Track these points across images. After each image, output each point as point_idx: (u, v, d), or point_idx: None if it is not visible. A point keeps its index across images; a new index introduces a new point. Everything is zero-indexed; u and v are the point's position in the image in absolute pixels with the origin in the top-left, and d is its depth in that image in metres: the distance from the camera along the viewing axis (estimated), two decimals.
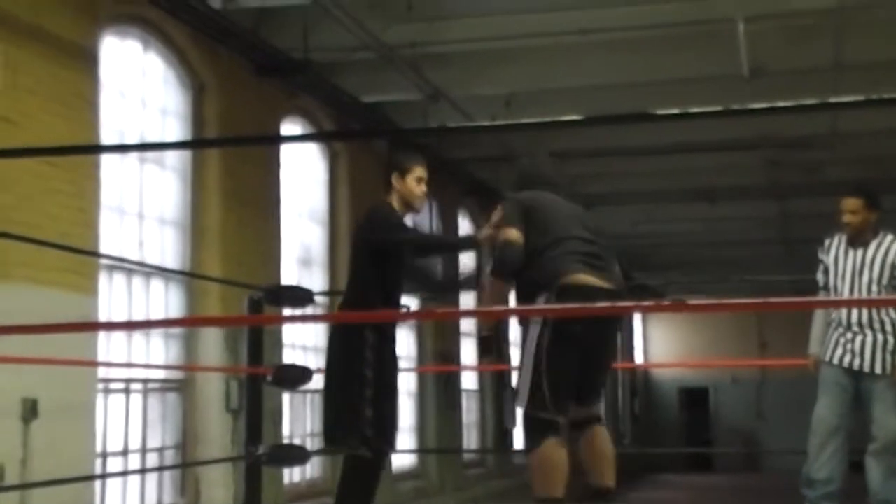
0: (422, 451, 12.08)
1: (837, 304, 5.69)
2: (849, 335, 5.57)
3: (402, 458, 11.58)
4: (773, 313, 22.15)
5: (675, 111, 2.73)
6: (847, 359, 5.57)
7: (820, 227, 5.98)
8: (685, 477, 23.62)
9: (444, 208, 12.87)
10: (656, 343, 27.61)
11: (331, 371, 4.79)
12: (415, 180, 5.02)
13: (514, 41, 8.79)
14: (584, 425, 4.60)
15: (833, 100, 3.93)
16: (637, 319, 27.17)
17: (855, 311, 5.55)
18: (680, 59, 8.93)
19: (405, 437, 11.80)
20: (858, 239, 5.65)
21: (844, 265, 5.63)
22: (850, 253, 5.66)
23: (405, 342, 11.72)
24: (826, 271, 5.74)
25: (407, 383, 12.01)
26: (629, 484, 22.17)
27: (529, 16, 8.40)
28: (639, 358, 26.85)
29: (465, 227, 14.25)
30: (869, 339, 5.53)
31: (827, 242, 5.81)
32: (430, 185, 5.27)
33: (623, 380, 25.03)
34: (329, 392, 4.79)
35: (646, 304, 4.83)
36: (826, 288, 5.74)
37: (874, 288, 5.53)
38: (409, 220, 5.11)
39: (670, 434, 26.05)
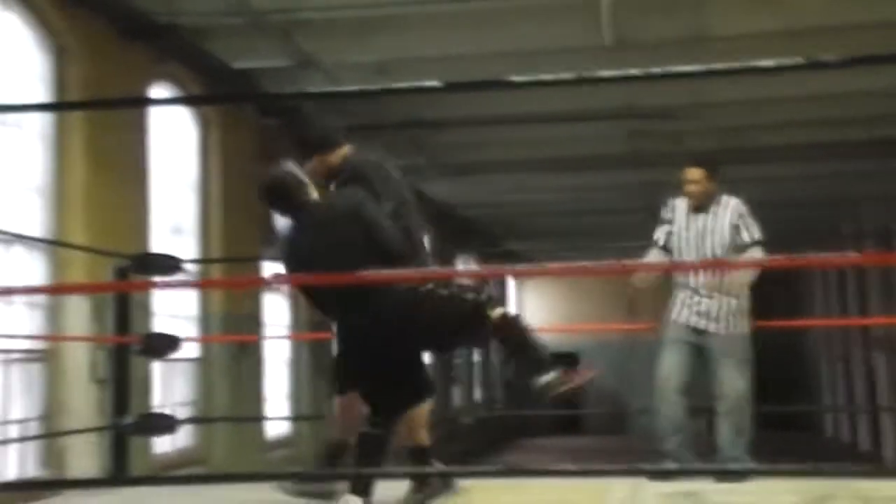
0: (295, 418, 12.10)
1: (687, 268, 5.91)
2: (696, 298, 5.82)
3: (276, 427, 11.58)
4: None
5: (532, 79, 2.82)
6: (693, 320, 5.82)
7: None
8: (554, 440, 24.20)
9: None
10: (528, 309, 28.12)
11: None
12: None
13: (385, 9, 8.79)
14: None
15: (686, 69, 4.07)
16: (511, 285, 27.65)
17: (701, 275, 5.80)
18: (546, 29, 9.07)
19: (280, 405, 11.80)
20: (701, 207, 5.92)
21: (688, 232, 5.88)
22: (693, 220, 5.92)
23: (279, 309, 11.69)
24: (670, 233, 5.97)
25: (281, 351, 11.98)
26: (500, 448, 22.65)
27: None
28: None
29: None
30: (714, 302, 5.79)
31: (671, 203, 6.04)
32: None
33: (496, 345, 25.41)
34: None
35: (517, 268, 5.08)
36: (666, 248, 5.96)
37: (718, 252, 5.79)
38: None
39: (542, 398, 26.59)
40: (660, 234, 6.02)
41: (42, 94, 7.75)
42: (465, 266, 22.15)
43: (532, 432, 25.08)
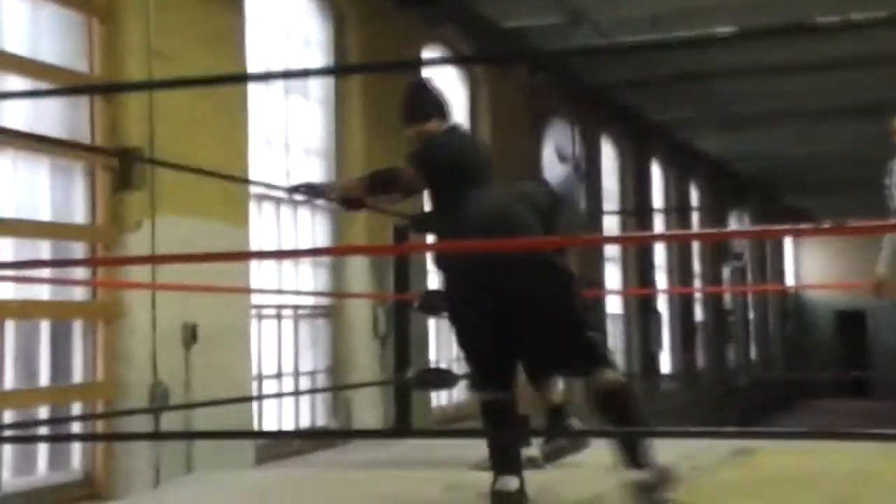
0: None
1: None
2: None
3: None
4: None
5: (835, 20, 2.60)
6: None
7: None
8: (839, 402, 23.06)
9: (587, 134, 12.72)
10: (810, 264, 26.83)
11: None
12: None
13: None
14: None
15: None
16: (788, 241, 26.48)
17: None
18: None
19: None
20: None
21: None
22: None
23: None
24: (892, 197, 5.42)
25: None
26: (781, 408, 21.84)
27: None
28: (790, 280, 26.18)
29: (607, 152, 14.07)
30: None
31: (889, 166, 5.49)
32: (573, 109, 5.18)
33: (774, 302, 24.48)
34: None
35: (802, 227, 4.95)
36: None
37: None
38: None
39: (825, 358, 25.40)
40: (891, 202, 5.47)
41: (320, 61, 8.08)
42: (738, 224, 21.40)
43: (814, 394, 24.00)
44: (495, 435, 4.34)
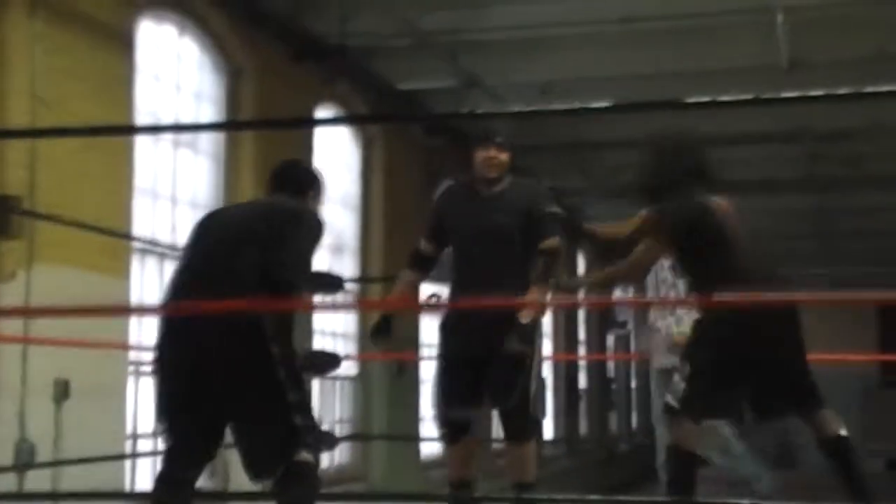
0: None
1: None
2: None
3: (432, 447, 11.58)
4: (811, 307, 21.88)
5: (707, 99, 2.68)
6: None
7: (859, 220, 5.86)
8: (714, 469, 23.46)
9: None
10: None
11: None
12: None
13: (551, 29, 8.73)
14: None
15: (871, 89, 3.80)
16: None
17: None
18: (718, 49, 8.83)
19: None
20: None
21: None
22: None
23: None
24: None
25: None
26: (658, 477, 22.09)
27: (566, 4, 8.34)
28: None
29: None
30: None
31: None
32: (463, 172, 5.26)
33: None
34: None
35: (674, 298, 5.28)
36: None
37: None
38: None
39: None
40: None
41: (212, 115, 7.98)
42: (623, 294, 21.75)
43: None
44: None
